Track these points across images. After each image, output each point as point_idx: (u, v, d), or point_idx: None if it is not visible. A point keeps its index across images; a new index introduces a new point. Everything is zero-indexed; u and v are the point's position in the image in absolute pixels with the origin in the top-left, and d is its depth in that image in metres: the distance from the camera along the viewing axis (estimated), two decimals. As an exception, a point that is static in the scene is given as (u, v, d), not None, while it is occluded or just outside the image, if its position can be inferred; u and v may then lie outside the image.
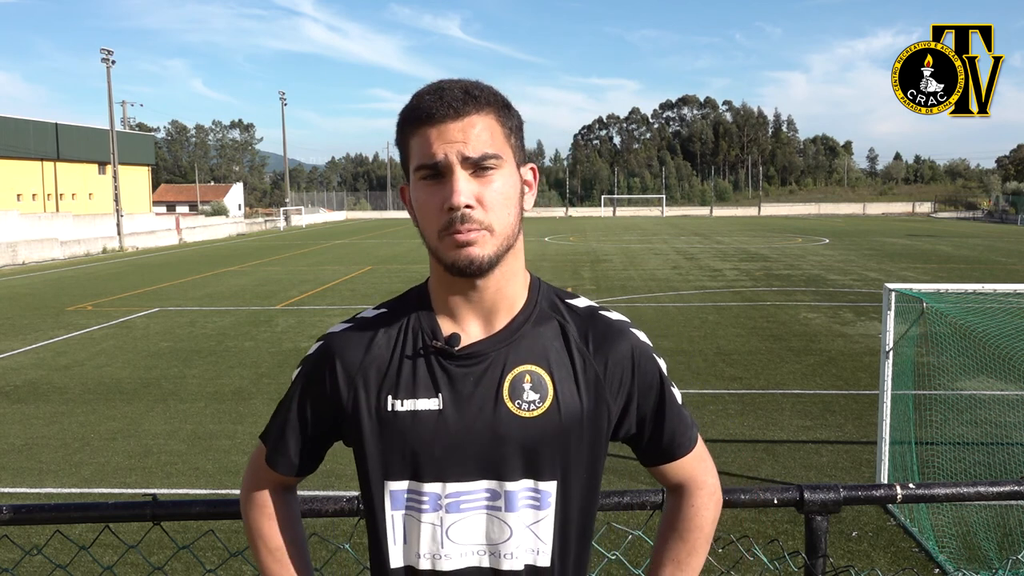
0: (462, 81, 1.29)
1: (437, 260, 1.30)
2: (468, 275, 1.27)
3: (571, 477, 1.33)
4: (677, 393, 1.43)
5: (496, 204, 1.25)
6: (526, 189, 1.35)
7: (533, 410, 1.30)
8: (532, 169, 1.37)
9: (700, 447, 1.47)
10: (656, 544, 1.50)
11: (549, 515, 1.32)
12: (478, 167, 1.24)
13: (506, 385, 1.30)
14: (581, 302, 1.41)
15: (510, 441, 1.29)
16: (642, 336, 1.40)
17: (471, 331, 1.34)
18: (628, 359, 1.36)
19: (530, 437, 1.29)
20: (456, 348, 1.31)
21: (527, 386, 1.30)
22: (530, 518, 1.31)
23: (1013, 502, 5.49)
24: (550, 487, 1.31)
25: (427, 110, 1.25)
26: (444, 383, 1.30)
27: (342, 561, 5.16)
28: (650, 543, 2.47)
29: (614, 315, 1.41)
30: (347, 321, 1.42)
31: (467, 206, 1.23)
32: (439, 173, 1.25)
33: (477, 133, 1.24)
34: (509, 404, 1.29)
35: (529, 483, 1.31)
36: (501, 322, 1.34)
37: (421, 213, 1.29)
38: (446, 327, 1.34)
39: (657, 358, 1.41)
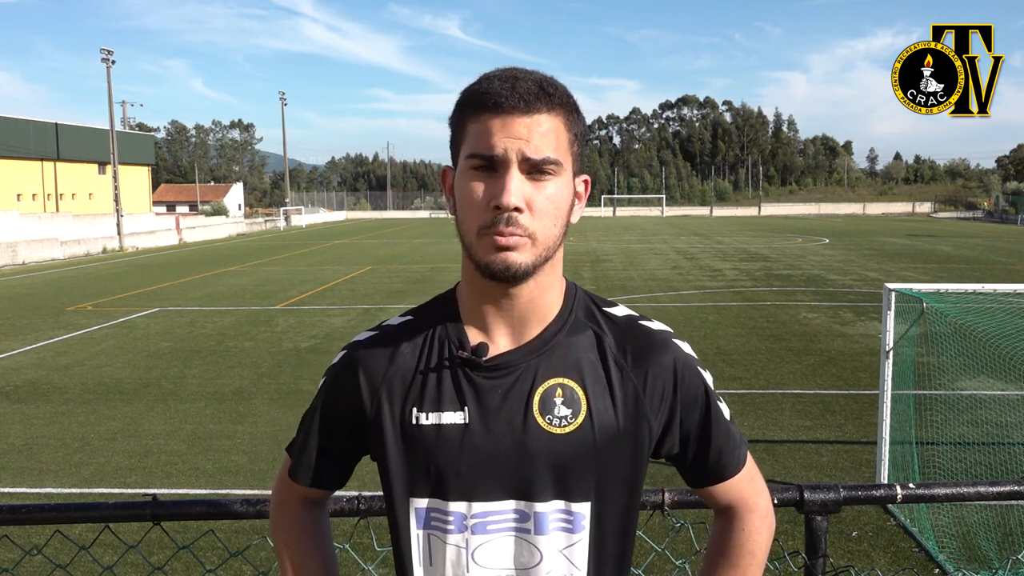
0: (536, 73, 1.20)
1: (470, 258, 1.21)
2: (501, 280, 1.19)
3: (606, 498, 1.25)
4: (724, 408, 1.34)
5: (545, 212, 1.17)
6: (576, 201, 1.26)
7: (565, 426, 1.22)
8: (585, 181, 1.29)
9: (750, 466, 1.37)
10: (703, 571, 1.40)
11: (583, 539, 1.24)
12: (536, 170, 1.16)
13: (536, 399, 1.22)
14: (620, 311, 1.32)
15: (539, 459, 1.21)
16: (686, 347, 1.32)
17: (500, 341, 1.26)
18: (670, 372, 1.27)
19: (561, 455, 1.21)
20: (483, 359, 1.24)
21: (559, 400, 1.22)
22: (562, 542, 1.23)
23: (1013, 502, 5.49)
24: (583, 509, 1.24)
25: (496, 97, 1.15)
26: (470, 396, 1.23)
27: (342, 561, 5.14)
28: (650, 543, 2.47)
29: (655, 325, 1.32)
30: (372, 329, 1.35)
31: (516, 209, 1.14)
32: (493, 167, 1.16)
33: (543, 133, 1.16)
34: (539, 419, 1.22)
35: (560, 504, 1.23)
36: (532, 332, 1.25)
37: (463, 204, 1.20)
38: (473, 337, 1.26)
39: (702, 371, 1.32)
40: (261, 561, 5.01)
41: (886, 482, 4.16)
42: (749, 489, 1.37)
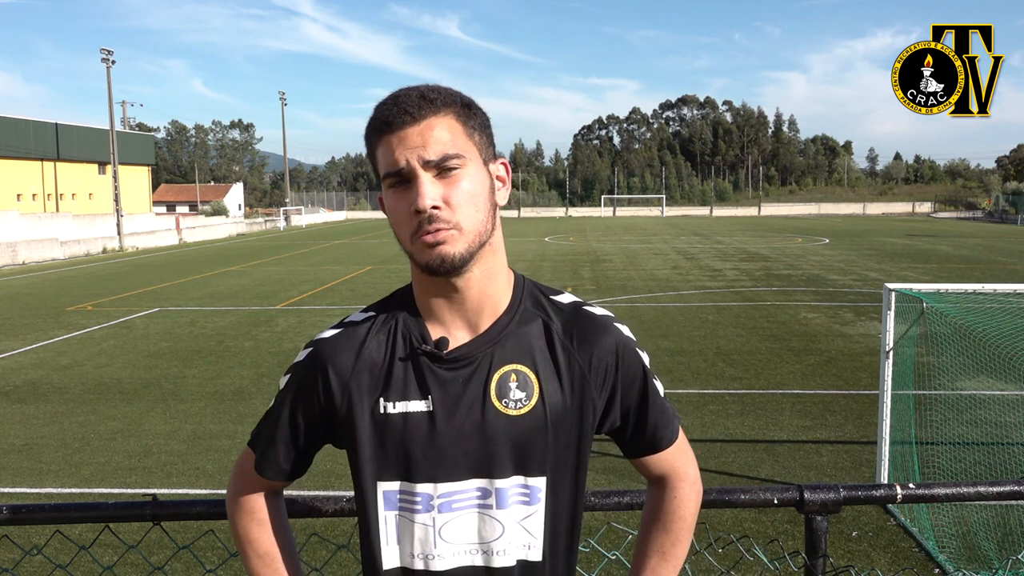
0: (419, 87, 1.31)
1: (414, 263, 1.33)
2: (443, 273, 1.29)
3: (559, 472, 1.36)
4: (660, 386, 1.46)
5: (463, 203, 1.27)
6: (499, 185, 1.37)
7: (520, 408, 1.32)
8: (503, 164, 1.39)
9: (682, 439, 1.50)
10: (639, 536, 1.53)
11: (539, 510, 1.35)
12: (441, 168, 1.26)
13: (493, 385, 1.33)
14: (565, 298, 1.43)
15: (499, 439, 1.32)
16: (626, 330, 1.43)
17: (457, 334, 1.36)
18: (612, 354, 1.38)
19: (518, 434, 1.32)
20: (444, 352, 1.33)
21: (513, 385, 1.33)
22: (521, 514, 1.34)
23: (1013, 502, 5.49)
24: (539, 483, 1.34)
25: (385, 119, 1.28)
26: (434, 386, 1.33)
27: (342, 561, 5.16)
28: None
29: (598, 310, 1.43)
30: (335, 327, 1.43)
31: (434, 207, 1.25)
32: (405, 179, 1.27)
33: (436, 135, 1.26)
34: (496, 403, 1.32)
35: (519, 479, 1.33)
36: (486, 323, 1.36)
37: (393, 219, 1.31)
38: (434, 331, 1.36)
39: (640, 352, 1.43)
40: (261, 561, 5.00)
41: (886, 482, 4.16)
42: (681, 460, 1.49)
